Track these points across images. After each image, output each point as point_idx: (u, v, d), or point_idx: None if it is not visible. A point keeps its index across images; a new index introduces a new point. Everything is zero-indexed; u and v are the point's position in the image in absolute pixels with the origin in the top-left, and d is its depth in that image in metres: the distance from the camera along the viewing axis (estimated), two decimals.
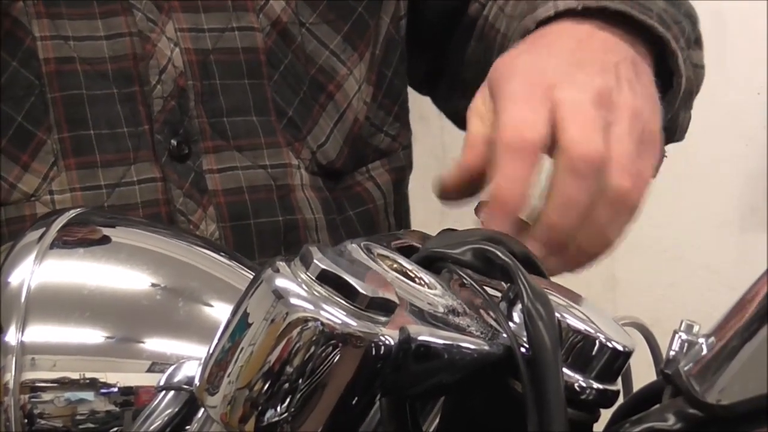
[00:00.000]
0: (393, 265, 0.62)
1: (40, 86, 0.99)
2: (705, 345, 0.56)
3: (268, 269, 0.56)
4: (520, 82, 0.81)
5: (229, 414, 0.55)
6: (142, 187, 1.01)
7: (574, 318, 0.60)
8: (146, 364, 0.64)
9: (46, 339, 0.64)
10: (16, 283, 0.65)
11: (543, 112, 0.79)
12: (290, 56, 1.07)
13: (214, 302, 0.67)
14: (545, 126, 0.78)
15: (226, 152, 1.04)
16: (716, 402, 0.54)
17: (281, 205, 1.06)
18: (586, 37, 0.88)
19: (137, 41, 1.01)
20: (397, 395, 0.59)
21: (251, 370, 0.55)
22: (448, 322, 0.59)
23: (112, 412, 0.64)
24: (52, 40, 0.99)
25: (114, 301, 0.66)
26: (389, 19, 1.13)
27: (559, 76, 0.81)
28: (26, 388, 0.63)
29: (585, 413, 0.60)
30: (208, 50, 1.04)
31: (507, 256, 0.61)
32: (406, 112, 1.19)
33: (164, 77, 1.02)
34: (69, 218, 0.68)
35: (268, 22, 1.06)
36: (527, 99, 0.80)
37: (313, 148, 1.08)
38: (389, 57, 1.14)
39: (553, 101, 0.80)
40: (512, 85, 0.81)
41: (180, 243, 0.70)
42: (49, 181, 0.99)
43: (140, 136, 1.01)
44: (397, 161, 1.17)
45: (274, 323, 0.54)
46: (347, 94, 1.10)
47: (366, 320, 0.54)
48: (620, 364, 0.60)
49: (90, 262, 0.67)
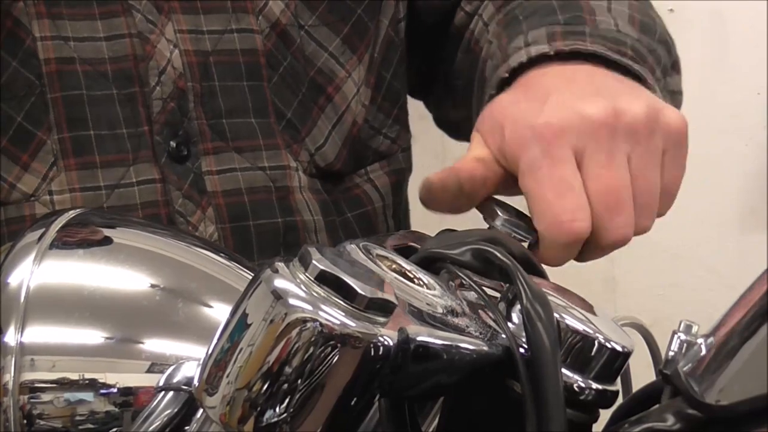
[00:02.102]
0: (392, 266, 0.62)
1: (40, 86, 0.99)
2: (704, 345, 0.56)
3: (267, 270, 0.56)
4: (539, 150, 0.78)
5: (228, 414, 0.55)
6: (141, 188, 1.01)
7: (573, 318, 0.60)
8: (145, 365, 0.64)
9: (45, 340, 0.64)
10: (16, 283, 0.65)
11: (574, 179, 0.77)
12: (289, 58, 1.07)
13: (213, 303, 0.67)
14: (584, 197, 0.78)
15: (225, 154, 1.04)
16: (715, 402, 0.54)
17: (280, 206, 1.06)
18: (570, 76, 0.86)
19: (137, 42, 1.01)
20: (396, 396, 0.59)
21: (250, 370, 0.55)
22: (446, 322, 0.59)
23: (111, 413, 0.64)
24: (53, 41, 0.99)
25: (113, 301, 0.66)
26: (388, 21, 1.13)
27: (567, 121, 0.79)
28: (25, 389, 0.63)
29: (584, 414, 0.60)
30: (208, 52, 1.04)
31: (506, 257, 0.61)
32: (405, 115, 1.19)
33: (164, 78, 1.02)
34: (68, 219, 0.68)
35: (267, 24, 1.06)
36: (557, 175, 0.78)
37: (311, 150, 1.08)
38: (388, 59, 1.14)
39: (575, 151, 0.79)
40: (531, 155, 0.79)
41: (179, 244, 0.70)
42: (48, 181, 0.99)
43: (140, 137, 1.01)
44: (396, 164, 1.17)
45: (273, 324, 0.54)
46: (346, 96, 1.10)
47: (365, 321, 0.54)
48: (619, 364, 0.60)
49: (89, 263, 0.67)
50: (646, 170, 0.80)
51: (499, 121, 0.82)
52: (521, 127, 0.80)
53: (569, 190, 0.77)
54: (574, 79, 0.85)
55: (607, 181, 0.78)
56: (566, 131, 0.78)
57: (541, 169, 0.78)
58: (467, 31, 1.14)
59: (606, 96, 0.81)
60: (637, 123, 0.80)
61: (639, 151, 0.79)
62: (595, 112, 0.79)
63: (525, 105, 0.82)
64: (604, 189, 0.78)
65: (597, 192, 0.77)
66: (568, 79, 0.85)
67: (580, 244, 0.78)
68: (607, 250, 0.80)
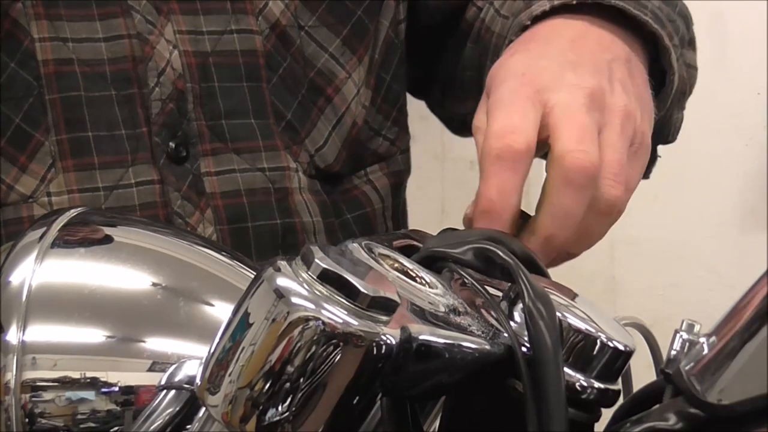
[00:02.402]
0: (394, 265, 0.62)
1: (39, 87, 0.99)
2: (706, 345, 0.56)
3: (270, 268, 0.56)
4: (510, 85, 0.81)
5: (231, 413, 0.55)
6: (139, 190, 1.01)
7: (575, 317, 0.60)
8: (147, 364, 0.64)
9: (47, 338, 0.64)
10: (17, 282, 0.65)
11: (533, 116, 0.79)
12: (289, 59, 1.07)
13: (215, 301, 0.67)
14: (534, 132, 0.78)
15: (224, 155, 1.04)
16: (717, 401, 0.54)
17: (279, 208, 1.06)
18: (579, 35, 0.88)
19: (136, 43, 1.01)
20: (398, 395, 0.59)
21: (252, 369, 0.55)
22: (449, 321, 0.59)
23: (112, 412, 0.63)
24: (51, 42, 0.99)
25: (115, 300, 0.66)
26: (388, 22, 1.13)
27: (550, 78, 0.81)
28: (27, 388, 0.63)
29: (586, 413, 0.60)
30: (207, 53, 1.04)
31: (508, 256, 0.61)
32: (404, 116, 1.19)
33: (163, 80, 1.02)
34: (70, 218, 0.68)
35: (267, 24, 1.06)
36: (516, 103, 0.79)
37: (311, 152, 1.08)
38: (388, 61, 1.14)
39: (544, 105, 0.80)
40: (502, 90, 0.81)
41: (181, 242, 0.70)
42: (46, 182, 0.99)
43: (138, 139, 1.01)
44: (395, 165, 1.17)
45: (275, 322, 0.54)
46: (346, 97, 1.10)
47: (367, 319, 0.54)
48: (621, 363, 0.60)
49: (91, 262, 0.67)
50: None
51: (493, 74, 0.85)
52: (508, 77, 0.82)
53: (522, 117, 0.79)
54: (579, 43, 0.87)
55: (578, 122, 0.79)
56: (545, 93, 0.80)
57: (504, 99, 0.80)
58: (477, 21, 1.14)
59: (601, 71, 0.83)
60: (617, 108, 0.82)
61: (609, 136, 0.81)
62: (579, 92, 0.81)
63: (519, 58, 0.85)
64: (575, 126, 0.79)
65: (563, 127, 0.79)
66: (571, 41, 0.87)
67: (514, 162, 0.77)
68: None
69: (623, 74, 0.85)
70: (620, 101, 0.82)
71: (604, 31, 0.89)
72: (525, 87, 0.81)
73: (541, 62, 0.84)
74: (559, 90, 0.80)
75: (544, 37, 0.89)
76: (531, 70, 0.82)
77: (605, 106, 0.81)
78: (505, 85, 0.82)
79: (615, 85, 0.83)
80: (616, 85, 0.83)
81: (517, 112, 0.79)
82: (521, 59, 0.85)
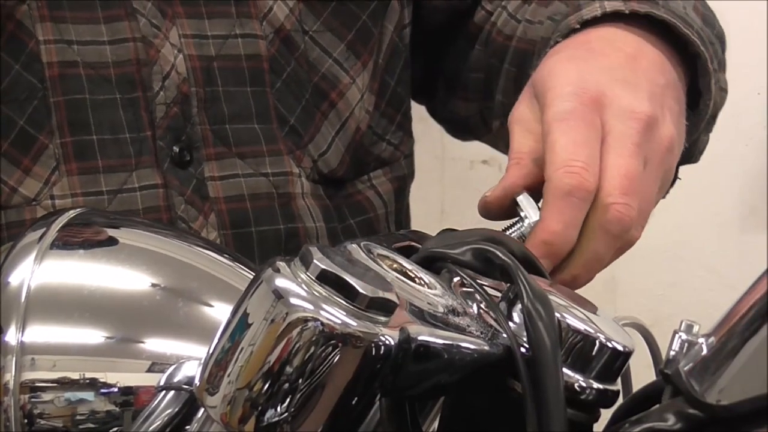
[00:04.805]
0: (393, 265, 0.62)
1: (43, 90, 0.99)
2: (705, 345, 0.56)
3: (268, 269, 0.56)
4: (571, 102, 0.81)
5: (229, 414, 0.55)
6: (143, 194, 1.01)
7: (574, 318, 0.60)
8: (146, 364, 0.64)
9: (46, 339, 0.64)
10: (16, 283, 0.65)
11: (597, 147, 0.79)
12: (293, 64, 1.07)
13: (214, 302, 0.67)
14: (599, 164, 0.78)
15: (227, 159, 1.04)
16: (716, 402, 0.54)
17: (282, 212, 1.06)
18: (636, 51, 0.87)
19: (141, 47, 1.01)
20: (397, 395, 0.59)
21: (251, 370, 0.55)
22: (447, 322, 0.59)
23: (112, 412, 0.63)
24: (56, 44, 0.99)
25: (114, 301, 0.66)
26: (393, 27, 1.13)
27: (609, 100, 0.81)
28: (26, 388, 0.63)
29: (585, 413, 0.60)
30: (212, 57, 1.04)
31: (507, 256, 0.61)
32: (408, 121, 1.19)
33: (167, 83, 1.02)
34: (69, 218, 0.68)
35: (271, 29, 1.06)
36: (581, 130, 0.79)
37: (314, 156, 1.08)
38: (392, 65, 1.14)
39: (603, 127, 0.80)
40: (563, 104, 0.81)
41: (180, 243, 0.70)
42: (50, 185, 0.99)
43: (142, 142, 1.01)
44: (398, 170, 1.17)
45: (274, 323, 0.54)
46: (350, 102, 1.10)
47: (366, 320, 0.54)
48: (620, 364, 0.60)
49: (90, 263, 0.67)
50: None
51: (546, 75, 0.85)
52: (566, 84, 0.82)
53: (588, 146, 0.78)
54: (635, 61, 0.87)
55: (627, 166, 0.79)
56: (606, 111, 0.80)
57: (567, 115, 0.80)
58: (487, 24, 1.14)
59: (656, 97, 0.83)
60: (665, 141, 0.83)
61: (649, 176, 0.81)
62: (636, 119, 0.81)
63: (576, 65, 0.84)
64: (623, 172, 0.79)
65: (613, 167, 0.79)
66: (628, 57, 0.87)
67: (583, 201, 0.78)
68: (609, 236, 0.80)
69: (672, 102, 0.85)
70: (668, 132, 0.83)
71: (657, 50, 0.89)
72: (586, 107, 0.80)
73: (600, 77, 0.83)
74: (616, 115, 0.81)
75: (600, 47, 0.88)
76: (589, 85, 0.82)
77: (654, 138, 0.81)
78: (565, 98, 0.81)
79: (665, 113, 0.84)
80: (666, 114, 0.84)
81: (586, 144, 0.79)
82: (578, 68, 0.84)
